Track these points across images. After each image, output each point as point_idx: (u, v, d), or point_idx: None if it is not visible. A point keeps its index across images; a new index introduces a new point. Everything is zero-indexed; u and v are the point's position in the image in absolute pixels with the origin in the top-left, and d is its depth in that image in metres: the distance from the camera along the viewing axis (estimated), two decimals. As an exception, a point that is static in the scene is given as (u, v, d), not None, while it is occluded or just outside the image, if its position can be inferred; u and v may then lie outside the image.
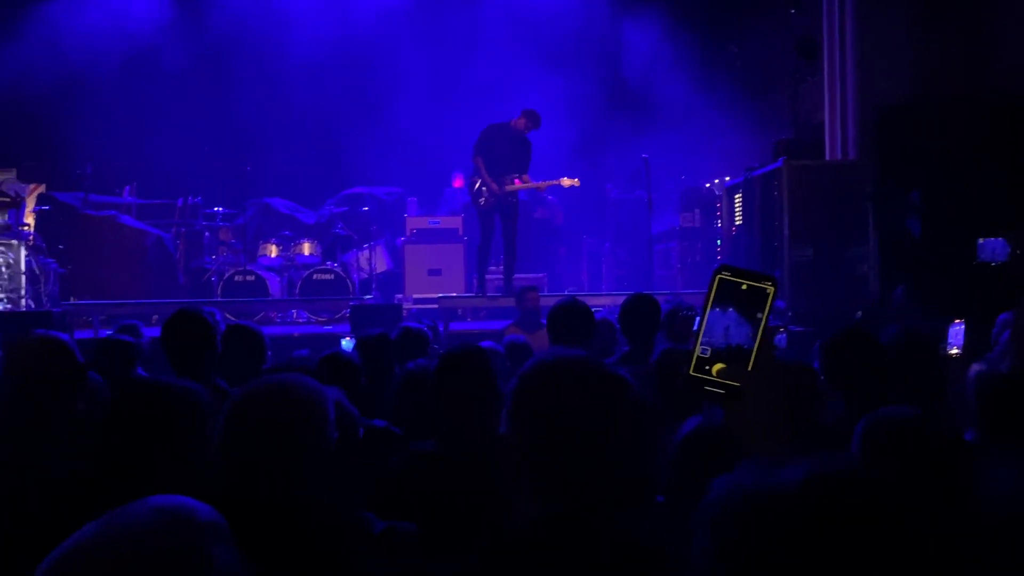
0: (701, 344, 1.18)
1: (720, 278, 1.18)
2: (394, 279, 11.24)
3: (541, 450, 1.27)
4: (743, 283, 1.18)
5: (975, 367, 2.99)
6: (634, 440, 1.29)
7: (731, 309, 1.18)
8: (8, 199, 8.83)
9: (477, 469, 2.45)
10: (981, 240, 6.60)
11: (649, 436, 1.32)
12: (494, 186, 8.68)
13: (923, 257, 7.38)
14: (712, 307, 1.18)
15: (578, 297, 4.32)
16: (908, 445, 1.79)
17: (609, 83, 12.69)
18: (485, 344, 4.31)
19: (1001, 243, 6.52)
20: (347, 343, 4.93)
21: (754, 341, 1.17)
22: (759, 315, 1.18)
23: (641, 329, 4.18)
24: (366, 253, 10.99)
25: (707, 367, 1.17)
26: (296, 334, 8.32)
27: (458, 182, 12.10)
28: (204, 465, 1.75)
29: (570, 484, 1.27)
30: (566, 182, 9.22)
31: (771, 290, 1.19)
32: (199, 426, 1.82)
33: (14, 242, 8.83)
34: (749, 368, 1.16)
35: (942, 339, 4.66)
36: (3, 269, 8.59)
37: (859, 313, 7.48)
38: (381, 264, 11.17)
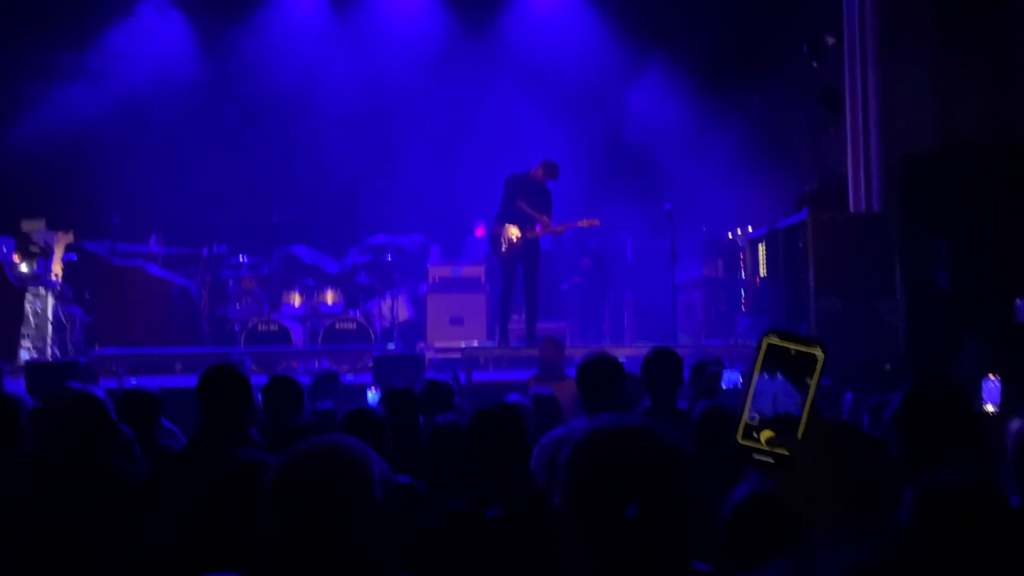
0: (749, 411, 1.16)
1: (768, 343, 1.16)
2: (415, 328, 11.24)
3: (600, 522, 1.24)
4: (791, 348, 1.16)
5: (1016, 423, 2.89)
6: (691, 512, 1.26)
7: (779, 375, 1.16)
8: (38, 249, 8.95)
9: (511, 529, 2.42)
10: (1019, 300, 6.49)
11: (700, 505, 1.31)
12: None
13: (953, 310, 7.28)
14: (760, 373, 1.16)
15: (607, 351, 4.29)
16: (961, 517, 1.73)
17: (629, 133, 12.76)
18: (512, 397, 4.28)
19: None
20: (372, 396, 4.91)
21: (803, 408, 1.15)
22: (808, 380, 1.16)
23: (663, 385, 4.16)
24: (388, 302, 11.01)
25: (755, 434, 1.15)
26: (319, 384, 8.28)
27: (480, 231, 12.16)
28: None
29: (630, 556, 1.24)
30: (585, 223, 9.24)
31: (820, 356, 1.17)
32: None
33: (42, 291, 8.93)
34: (799, 436, 1.13)
35: (976, 395, 4.57)
36: (31, 318, 8.67)
37: (888, 366, 7.38)
38: (403, 313, 11.19)
